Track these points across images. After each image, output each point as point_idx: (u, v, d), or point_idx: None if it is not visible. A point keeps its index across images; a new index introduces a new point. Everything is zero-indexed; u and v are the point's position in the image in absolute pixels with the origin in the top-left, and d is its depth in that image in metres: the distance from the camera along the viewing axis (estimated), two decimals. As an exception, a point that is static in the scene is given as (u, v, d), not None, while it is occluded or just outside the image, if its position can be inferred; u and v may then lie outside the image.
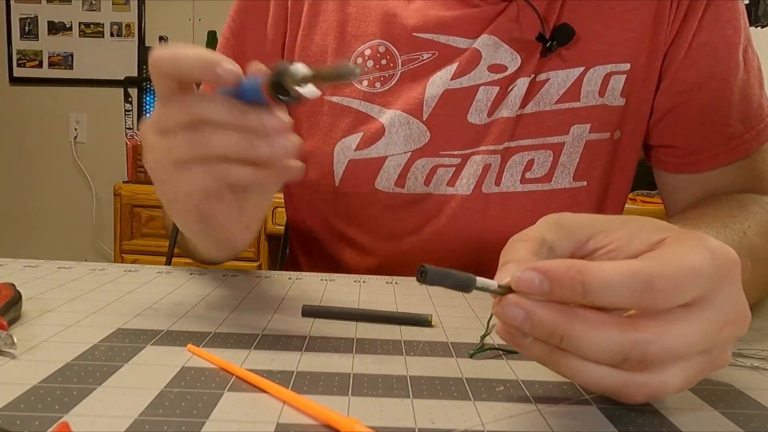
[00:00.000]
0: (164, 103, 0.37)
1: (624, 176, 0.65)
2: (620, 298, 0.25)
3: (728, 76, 0.60)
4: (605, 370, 0.26)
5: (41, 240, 2.90)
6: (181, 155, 0.36)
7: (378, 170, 0.62)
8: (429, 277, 0.26)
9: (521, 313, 0.26)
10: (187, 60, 0.35)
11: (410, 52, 0.62)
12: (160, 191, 0.39)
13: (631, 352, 0.25)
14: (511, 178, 0.62)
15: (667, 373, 0.26)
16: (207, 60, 0.34)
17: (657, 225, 0.30)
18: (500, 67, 0.61)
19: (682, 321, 0.26)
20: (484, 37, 0.60)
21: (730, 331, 0.27)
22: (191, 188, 0.37)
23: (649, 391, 0.26)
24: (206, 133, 0.35)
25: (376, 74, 0.62)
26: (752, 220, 0.50)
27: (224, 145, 0.35)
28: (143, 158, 0.39)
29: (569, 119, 0.61)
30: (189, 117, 0.35)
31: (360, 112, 0.63)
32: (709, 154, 0.62)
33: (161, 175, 0.38)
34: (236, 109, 0.35)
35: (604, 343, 0.25)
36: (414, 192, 0.63)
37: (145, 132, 0.38)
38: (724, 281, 0.27)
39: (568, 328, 0.25)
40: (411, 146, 0.62)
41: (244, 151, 0.35)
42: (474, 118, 0.61)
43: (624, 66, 0.60)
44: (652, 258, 0.27)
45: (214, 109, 0.35)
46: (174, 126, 0.36)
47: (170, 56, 0.35)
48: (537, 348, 0.27)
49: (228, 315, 0.42)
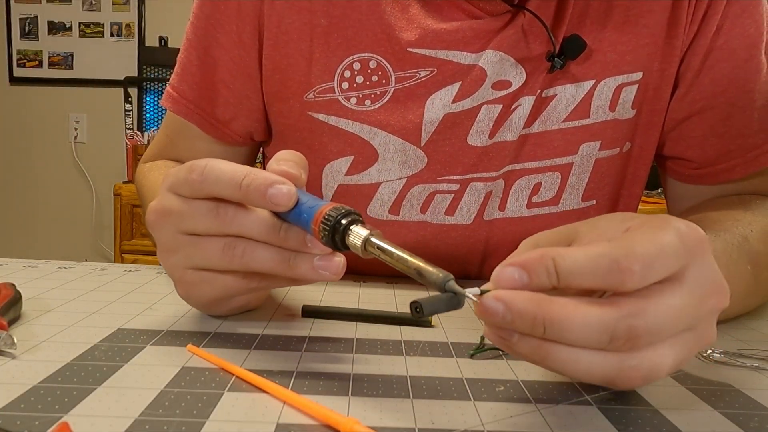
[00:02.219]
0: (190, 204, 0.34)
1: (634, 191, 0.61)
2: (592, 280, 0.26)
3: (748, 81, 0.55)
4: (596, 356, 0.26)
5: (41, 240, 2.90)
6: (213, 264, 0.35)
7: (371, 197, 0.58)
8: (425, 312, 0.26)
9: (500, 305, 0.26)
10: (232, 182, 0.32)
11: (405, 69, 0.55)
12: (179, 288, 0.38)
13: (616, 329, 0.25)
14: (516, 202, 0.58)
15: (658, 352, 0.26)
16: (256, 182, 0.32)
17: (624, 217, 0.30)
18: (504, 83, 0.55)
19: (660, 296, 0.26)
20: (488, 53, 0.54)
21: (711, 305, 0.28)
22: (219, 294, 0.37)
23: (643, 372, 0.26)
24: (244, 248, 0.34)
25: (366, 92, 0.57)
26: (756, 224, 0.48)
27: (262, 263, 0.33)
28: (158, 252, 0.37)
29: (578, 138, 0.57)
30: (225, 230, 0.34)
31: (349, 132, 0.56)
32: (726, 167, 0.58)
33: (185, 277, 0.36)
34: (276, 228, 0.33)
35: (587, 323, 0.25)
36: (409, 220, 0.58)
37: (159, 225, 0.36)
38: (693, 257, 0.27)
39: (548, 313, 0.25)
40: (407, 172, 0.57)
41: (283, 271, 0.33)
42: (474, 140, 0.56)
43: (636, 75, 0.56)
44: (620, 240, 0.27)
45: (253, 227, 0.33)
46: (204, 231, 0.34)
47: (211, 174, 0.33)
48: (525, 345, 0.27)
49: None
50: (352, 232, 0.30)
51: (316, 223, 0.31)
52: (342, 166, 0.58)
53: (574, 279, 0.26)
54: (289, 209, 0.32)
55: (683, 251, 0.27)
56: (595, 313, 0.25)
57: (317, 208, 0.31)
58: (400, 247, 0.29)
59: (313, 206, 0.32)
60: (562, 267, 0.26)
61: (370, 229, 0.30)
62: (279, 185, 0.32)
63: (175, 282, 0.38)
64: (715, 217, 0.50)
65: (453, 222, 0.58)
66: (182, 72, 0.61)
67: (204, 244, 0.34)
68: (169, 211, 0.35)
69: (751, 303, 0.46)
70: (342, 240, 0.31)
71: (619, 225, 0.30)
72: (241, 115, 0.61)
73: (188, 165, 0.34)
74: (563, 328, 0.26)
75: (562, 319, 0.25)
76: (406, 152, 0.56)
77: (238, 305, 0.40)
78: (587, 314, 0.25)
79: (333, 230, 0.31)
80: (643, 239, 0.26)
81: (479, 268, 0.62)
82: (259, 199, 0.32)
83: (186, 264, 0.36)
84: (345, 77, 0.56)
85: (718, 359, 0.36)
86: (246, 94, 0.60)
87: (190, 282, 0.37)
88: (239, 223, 0.33)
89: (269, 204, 0.32)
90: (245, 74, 0.59)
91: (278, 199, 0.32)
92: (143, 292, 0.47)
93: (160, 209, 0.36)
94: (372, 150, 0.57)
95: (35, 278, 0.51)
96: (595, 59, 0.56)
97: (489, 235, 0.59)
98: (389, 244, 0.29)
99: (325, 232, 0.31)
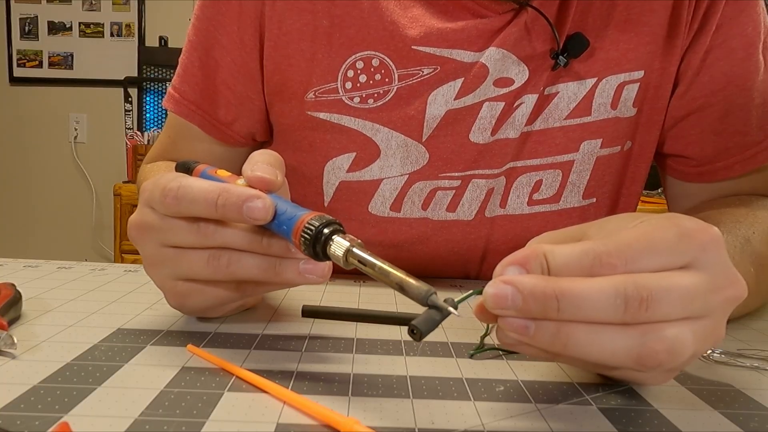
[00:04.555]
0: (169, 221, 0.34)
1: (634, 189, 0.62)
2: (579, 274, 0.26)
3: (746, 80, 0.55)
4: (618, 333, 0.26)
5: (41, 240, 2.90)
6: (199, 275, 0.35)
7: (372, 194, 0.58)
8: (423, 333, 0.26)
9: (509, 288, 0.26)
10: (206, 202, 0.32)
11: (409, 66, 0.55)
12: (169, 298, 0.38)
13: (627, 290, 0.25)
14: (517, 200, 0.58)
15: (678, 328, 0.26)
16: (230, 200, 0.32)
17: (634, 216, 0.30)
18: (506, 80, 0.55)
19: (665, 275, 0.26)
20: (491, 50, 0.54)
21: (726, 294, 0.28)
22: (211, 303, 0.37)
23: (667, 345, 0.26)
24: (229, 258, 0.34)
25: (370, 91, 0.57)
26: (759, 226, 0.48)
27: (248, 271, 0.34)
28: (144, 265, 0.37)
29: (579, 135, 0.57)
30: (207, 244, 0.34)
31: (352, 130, 0.57)
32: (725, 164, 0.58)
33: (175, 288, 0.36)
34: (258, 237, 0.33)
35: (599, 290, 0.25)
36: (411, 217, 0.58)
37: (141, 239, 0.36)
38: (702, 251, 0.27)
39: (559, 287, 0.25)
40: (408, 168, 0.57)
41: (269, 278, 0.34)
42: (476, 137, 0.56)
43: (638, 74, 0.56)
44: (610, 237, 0.27)
45: (236, 238, 0.33)
46: (186, 245, 0.34)
47: (186, 197, 0.33)
48: (544, 333, 0.26)
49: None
50: (334, 242, 0.30)
51: (296, 235, 0.31)
52: (344, 163, 0.58)
53: (562, 274, 0.26)
54: (268, 222, 0.32)
55: (684, 246, 0.27)
56: (603, 281, 0.26)
57: (296, 219, 0.31)
58: (382, 260, 0.29)
59: (292, 216, 0.32)
60: (552, 263, 0.26)
61: (352, 239, 0.30)
62: (254, 200, 0.32)
63: (166, 293, 0.38)
64: (716, 218, 0.50)
65: (454, 218, 0.58)
66: (184, 73, 0.61)
67: (189, 256, 0.35)
68: (150, 226, 0.35)
69: (752, 304, 0.46)
70: (323, 250, 0.30)
71: (628, 224, 0.29)
72: (243, 116, 0.61)
73: (161, 186, 0.34)
74: (577, 299, 0.25)
75: (573, 290, 0.25)
76: (408, 148, 0.56)
77: (233, 309, 0.41)
78: (596, 283, 0.26)
79: (314, 240, 0.30)
80: (632, 236, 0.27)
81: (479, 266, 0.62)
82: (237, 216, 0.32)
83: (173, 276, 0.36)
84: (348, 77, 0.56)
85: (718, 359, 0.36)
86: (247, 95, 0.60)
87: (180, 293, 0.37)
88: (221, 235, 0.33)
89: (247, 219, 0.32)
90: (247, 75, 0.59)
91: (255, 213, 0.32)
92: (143, 292, 0.47)
93: (140, 224, 0.36)
94: (374, 146, 0.57)
95: (35, 278, 0.51)
96: (598, 57, 0.56)
97: (490, 232, 0.59)
98: (371, 256, 0.29)
99: (306, 244, 0.31)
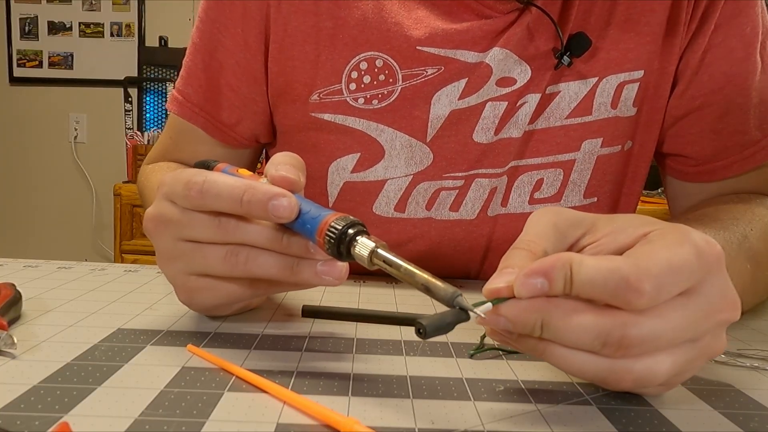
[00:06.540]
0: (190, 215, 0.34)
1: (634, 188, 0.62)
2: (601, 294, 0.26)
3: (745, 79, 0.56)
4: (588, 358, 0.27)
5: (41, 240, 2.90)
6: (216, 271, 0.35)
7: (376, 194, 0.58)
8: (429, 334, 0.26)
9: (501, 319, 0.28)
10: (232, 198, 0.32)
11: (413, 67, 0.55)
12: (180, 293, 0.38)
13: (609, 337, 0.26)
14: (519, 198, 0.59)
15: (653, 359, 0.26)
16: (256, 197, 0.32)
17: (643, 220, 0.30)
18: (509, 80, 0.56)
19: (663, 309, 0.26)
20: (495, 50, 0.54)
21: (719, 318, 0.28)
22: (222, 300, 0.37)
23: (635, 377, 0.27)
24: (247, 255, 0.33)
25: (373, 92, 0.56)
26: (756, 223, 0.48)
27: (266, 269, 0.33)
28: (157, 259, 0.37)
29: (580, 135, 0.57)
30: (227, 240, 0.33)
31: (356, 130, 0.57)
32: (724, 164, 0.58)
33: (187, 283, 0.36)
34: (279, 235, 0.33)
35: (581, 328, 0.26)
36: (415, 217, 0.59)
37: (158, 232, 0.36)
38: (708, 273, 0.27)
39: (546, 317, 0.27)
40: (412, 169, 0.57)
41: (286, 277, 0.33)
42: (480, 137, 0.56)
43: (638, 74, 0.57)
44: (635, 255, 0.27)
45: (256, 236, 0.33)
46: (205, 240, 0.34)
47: (210, 191, 0.33)
48: (524, 344, 0.29)
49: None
50: (359, 243, 0.30)
51: (320, 234, 0.31)
52: (348, 164, 0.58)
53: (584, 290, 0.26)
54: (291, 221, 0.32)
55: (698, 268, 0.27)
56: (591, 320, 0.26)
57: (321, 219, 0.31)
58: (407, 260, 0.29)
59: (317, 216, 0.32)
60: (576, 279, 0.26)
61: (377, 240, 0.30)
62: (280, 198, 0.32)
63: (177, 288, 0.37)
64: (714, 215, 0.50)
65: (457, 217, 0.59)
66: (188, 75, 0.61)
67: (206, 251, 0.34)
68: (168, 219, 0.35)
69: (749, 301, 0.46)
70: (347, 250, 0.31)
71: (637, 229, 0.30)
72: (247, 118, 0.61)
73: (185, 178, 0.34)
74: (559, 331, 0.27)
75: (558, 323, 0.27)
76: (413, 149, 0.57)
77: (240, 308, 0.41)
78: (585, 322, 0.26)
79: (339, 241, 0.30)
80: (658, 256, 0.26)
81: (480, 265, 0.62)
82: (261, 214, 0.32)
83: (188, 270, 0.36)
84: (352, 78, 0.56)
85: (718, 359, 0.36)
86: (251, 98, 0.60)
87: (193, 288, 0.36)
88: (242, 231, 0.33)
89: (271, 217, 0.32)
90: (251, 77, 0.59)
91: (280, 211, 0.31)
92: (143, 292, 0.47)
93: (158, 217, 0.36)
94: (378, 147, 0.57)
95: (35, 278, 0.51)
96: (599, 57, 0.56)
97: (492, 231, 0.60)
98: (396, 257, 0.29)
99: (330, 243, 0.31)
